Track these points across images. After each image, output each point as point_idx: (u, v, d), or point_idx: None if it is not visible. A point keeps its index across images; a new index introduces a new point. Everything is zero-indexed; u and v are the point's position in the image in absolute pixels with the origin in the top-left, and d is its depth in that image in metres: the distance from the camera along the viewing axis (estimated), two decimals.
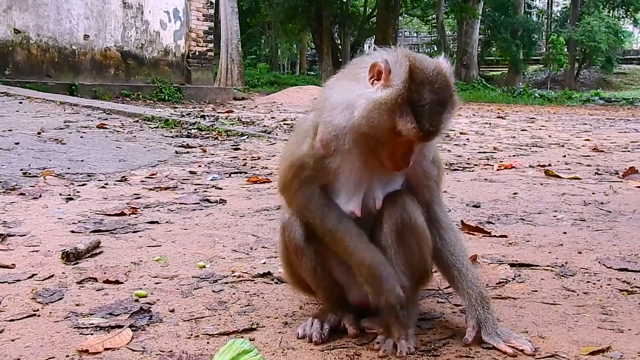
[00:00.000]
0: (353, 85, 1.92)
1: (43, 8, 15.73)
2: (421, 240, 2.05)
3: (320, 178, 2.01)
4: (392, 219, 2.01)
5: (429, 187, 2.12)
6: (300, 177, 2.02)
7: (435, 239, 2.11)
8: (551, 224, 3.81)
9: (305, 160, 2.00)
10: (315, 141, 1.98)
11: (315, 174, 2.00)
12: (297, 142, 2.07)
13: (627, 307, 2.35)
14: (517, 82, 38.97)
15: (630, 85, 44.43)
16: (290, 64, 56.83)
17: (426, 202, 2.12)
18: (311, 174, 2.01)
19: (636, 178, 5.58)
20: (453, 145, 8.64)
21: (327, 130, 1.95)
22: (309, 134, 2.02)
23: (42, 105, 10.94)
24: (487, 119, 15.14)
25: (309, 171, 2.01)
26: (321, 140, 1.96)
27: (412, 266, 2.06)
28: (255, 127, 10.37)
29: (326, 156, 1.97)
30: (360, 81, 1.90)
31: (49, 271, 2.70)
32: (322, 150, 1.97)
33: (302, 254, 2.09)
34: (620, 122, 15.66)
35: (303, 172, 2.01)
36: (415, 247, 2.05)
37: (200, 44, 19.88)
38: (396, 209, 2.02)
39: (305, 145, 2.02)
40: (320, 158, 1.98)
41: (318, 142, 1.97)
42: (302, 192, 2.03)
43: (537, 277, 2.73)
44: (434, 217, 2.13)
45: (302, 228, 2.07)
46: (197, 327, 2.11)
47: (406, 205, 2.03)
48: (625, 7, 47.89)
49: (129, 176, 5.38)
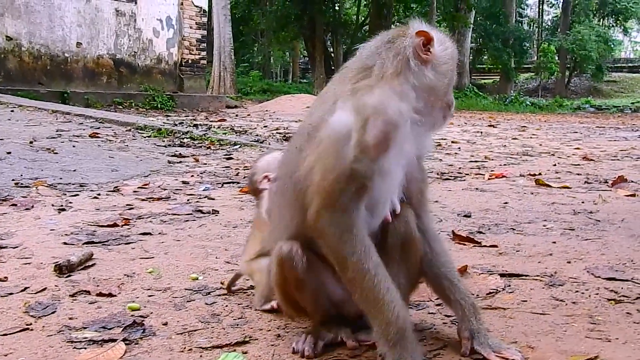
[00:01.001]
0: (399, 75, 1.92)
1: (35, 15, 15.76)
2: (418, 252, 2.07)
3: (369, 189, 1.87)
4: (398, 232, 2.02)
5: (421, 192, 2.12)
6: (350, 191, 1.85)
7: (425, 248, 2.11)
8: (541, 233, 3.84)
9: (356, 167, 1.83)
10: (367, 140, 1.83)
11: (366, 184, 1.85)
12: (337, 150, 1.85)
13: (615, 316, 2.37)
14: (508, 90, 39.21)
15: (620, 93, 44.72)
16: (283, 72, 56.94)
17: (416, 210, 2.11)
18: (362, 184, 1.85)
19: (625, 187, 5.63)
20: (445, 155, 8.69)
21: (384, 122, 1.84)
22: (351, 136, 1.85)
23: (33, 113, 10.94)
24: (478, 127, 15.21)
25: (359, 181, 1.84)
26: (376, 136, 1.83)
27: (411, 278, 2.09)
28: (248, 136, 10.38)
29: (378, 156, 1.84)
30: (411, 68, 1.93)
31: (41, 284, 2.70)
32: (376, 149, 1.83)
33: (304, 286, 2.02)
34: (611, 130, 15.77)
35: (353, 183, 1.84)
36: (414, 258, 2.06)
37: (193, 52, 19.93)
38: (400, 223, 2.03)
39: (351, 148, 1.84)
40: (371, 160, 1.84)
41: (372, 140, 1.83)
42: (347, 212, 1.86)
43: (527, 287, 2.76)
44: (423, 227, 2.12)
45: (304, 259, 1.97)
46: (191, 341, 2.12)
47: (409, 219, 2.04)
48: (615, 16, 48.34)
49: (121, 186, 5.38)
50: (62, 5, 16.30)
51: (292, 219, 2.03)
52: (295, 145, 2.06)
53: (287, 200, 2.06)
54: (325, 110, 1.95)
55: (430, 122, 2.00)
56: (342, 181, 1.83)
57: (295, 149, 2.04)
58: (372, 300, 1.86)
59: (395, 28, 2.06)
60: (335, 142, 1.86)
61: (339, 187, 1.84)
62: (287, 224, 2.05)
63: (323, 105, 1.99)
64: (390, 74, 1.90)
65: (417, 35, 1.93)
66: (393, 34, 2.00)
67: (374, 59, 1.95)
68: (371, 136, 1.83)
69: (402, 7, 37.67)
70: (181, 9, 19.31)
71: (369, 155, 1.83)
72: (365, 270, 1.85)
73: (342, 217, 1.86)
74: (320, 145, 1.89)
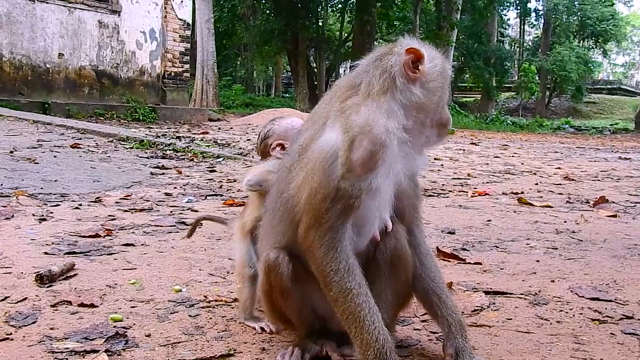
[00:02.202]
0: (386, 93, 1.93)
1: (17, 26, 15.63)
2: (408, 269, 2.07)
3: (355, 208, 1.87)
4: (387, 249, 2.02)
5: (414, 206, 2.12)
6: (335, 210, 1.86)
7: (415, 264, 2.11)
8: (524, 251, 3.86)
9: (342, 186, 1.84)
10: (353, 160, 1.84)
11: (351, 204, 1.86)
12: (323, 170, 1.87)
13: (599, 336, 2.38)
14: (489, 108, 39.57)
15: (599, 114, 45.35)
16: (265, 86, 57.07)
17: (408, 224, 2.12)
18: (347, 203, 1.85)
19: (606, 207, 5.68)
20: (428, 171, 8.71)
21: (371, 141, 1.84)
22: (338, 156, 1.86)
23: (14, 123, 10.83)
24: (460, 145, 15.30)
25: (345, 200, 1.85)
26: (362, 156, 1.84)
27: (399, 295, 2.08)
28: (231, 149, 10.36)
29: (365, 176, 1.85)
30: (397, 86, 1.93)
31: (22, 294, 2.65)
32: (362, 168, 1.84)
33: (289, 294, 2.03)
34: (591, 150, 15.94)
35: (338, 202, 1.85)
36: (403, 275, 2.06)
37: (176, 65, 19.86)
38: (391, 239, 2.03)
39: (338, 168, 1.85)
40: (357, 180, 1.84)
41: (358, 160, 1.83)
42: (333, 231, 1.86)
43: (512, 305, 2.76)
44: (415, 242, 2.13)
45: (290, 268, 1.99)
46: (174, 353, 2.10)
47: (400, 236, 2.04)
48: (595, 37, 49.10)
49: (103, 197, 5.33)
50: (45, 16, 16.18)
51: (284, 236, 2.04)
52: (286, 165, 2.07)
53: (278, 218, 2.06)
54: (315, 130, 1.97)
55: (422, 141, 2.00)
56: (329, 200, 1.85)
57: (286, 168, 2.05)
58: (354, 320, 1.86)
59: (385, 45, 2.06)
60: (322, 162, 1.87)
61: (326, 206, 1.85)
62: (279, 238, 2.06)
63: (314, 125, 2.00)
64: (376, 91, 1.92)
65: (407, 53, 1.93)
66: (382, 51, 2.01)
67: (362, 77, 1.97)
68: (357, 156, 1.84)
69: (385, 24, 37.93)
70: (165, 21, 19.26)
71: (355, 174, 1.85)
72: (348, 289, 1.85)
73: (328, 235, 1.87)
74: (309, 164, 1.91)
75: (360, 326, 1.85)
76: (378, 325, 1.85)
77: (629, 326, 2.49)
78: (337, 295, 1.87)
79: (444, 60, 2.03)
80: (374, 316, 1.86)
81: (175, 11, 19.56)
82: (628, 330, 2.44)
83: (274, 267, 2.00)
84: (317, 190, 1.87)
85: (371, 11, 33.38)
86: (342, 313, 1.88)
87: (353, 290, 1.85)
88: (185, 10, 20.17)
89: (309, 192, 1.89)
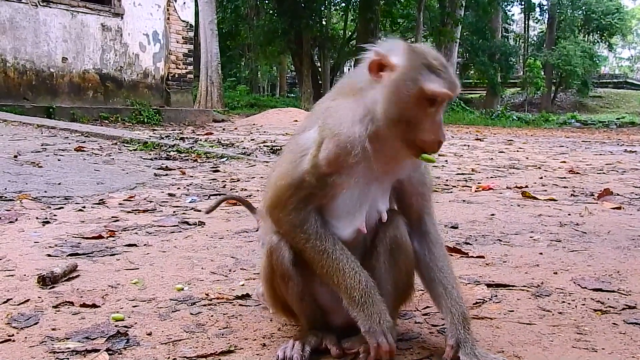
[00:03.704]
0: (357, 95, 1.95)
1: (20, 31, 15.70)
2: (409, 259, 2.09)
3: (319, 197, 1.98)
4: (386, 238, 2.04)
5: (423, 195, 2.13)
6: (299, 196, 1.98)
7: (424, 252, 2.12)
8: (528, 244, 3.85)
9: (306, 179, 1.96)
10: (319, 158, 1.95)
11: (316, 193, 1.97)
12: (294, 160, 2.01)
13: (601, 326, 2.37)
14: (495, 104, 39.49)
15: (605, 108, 45.20)
16: (270, 86, 57.15)
17: (418, 212, 2.13)
18: (311, 192, 1.97)
19: (611, 200, 5.66)
20: (432, 167, 8.68)
21: (336, 145, 1.93)
22: (309, 152, 1.98)
23: (18, 128, 10.88)
24: (465, 141, 15.28)
25: (309, 190, 1.97)
26: (328, 157, 1.94)
27: (400, 285, 2.09)
28: (235, 149, 10.37)
29: (330, 174, 1.95)
30: (364, 88, 1.92)
31: (24, 296, 2.66)
32: (327, 167, 1.94)
33: (290, 278, 2.05)
34: (596, 144, 15.89)
35: (302, 191, 1.97)
36: (403, 266, 2.07)
37: (180, 67, 19.91)
38: (390, 228, 2.05)
39: (305, 163, 1.97)
40: (322, 176, 1.95)
41: (323, 160, 1.94)
42: (297, 212, 1.98)
43: (514, 297, 2.76)
44: (424, 229, 2.15)
45: (291, 251, 2.03)
46: (175, 350, 2.10)
47: (399, 225, 2.06)
48: (600, 32, 48.94)
49: (107, 199, 5.34)
50: (48, 21, 16.25)
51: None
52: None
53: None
54: (304, 126, 2.09)
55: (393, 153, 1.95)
56: (293, 187, 1.98)
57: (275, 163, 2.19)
58: (334, 271, 1.95)
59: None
60: (295, 153, 2.02)
61: (290, 192, 1.98)
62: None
63: (306, 122, 2.12)
64: (347, 92, 1.99)
65: (375, 55, 1.89)
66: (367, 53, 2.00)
67: (345, 79, 2.07)
68: (323, 156, 1.95)
69: (389, 22, 37.94)
70: (167, 23, 19.31)
71: (320, 172, 1.96)
72: (323, 250, 1.95)
73: (293, 214, 1.99)
74: (285, 154, 2.11)
75: (341, 274, 1.94)
76: (358, 270, 1.95)
77: (631, 316, 2.48)
78: (314, 256, 1.96)
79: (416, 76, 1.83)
80: (353, 263, 1.95)
81: (178, 13, 19.61)
82: (630, 320, 2.43)
83: (276, 249, 2.05)
84: (284, 176, 2.01)
85: (375, 9, 33.39)
86: (322, 270, 1.96)
87: (328, 249, 1.95)
88: (188, 11, 20.22)
89: (277, 176, 2.05)
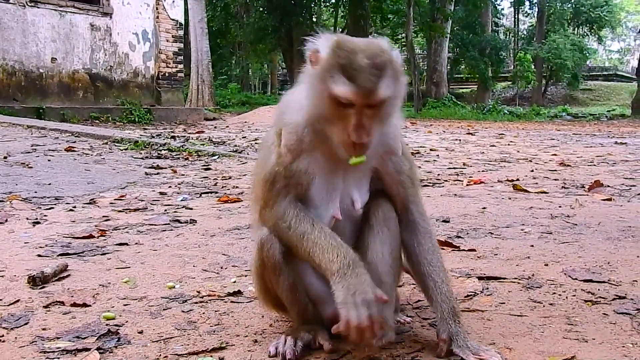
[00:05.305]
0: (302, 86, 2.01)
1: (8, 32, 15.61)
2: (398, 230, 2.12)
3: (293, 187, 2.00)
4: (377, 211, 2.07)
5: (402, 182, 2.11)
6: (275, 190, 2.01)
7: (413, 243, 2.13)
8: (519, 237, 3.86)
9: (276, 171, 2.00)
10: (281, 148, 2.00)
11: (288, 183, 2.00)
12: (265, 157, 2.08)
13: (592, 317, 2.38)
14: (486, 99, 39.50)
15: (596, 101, 45.35)
16: (261, 84, 57.00)
17: (402, 201, 2.13)
18: (284, 183, 2.00)
19: (601, 191, 5.68)
20: (423, 162, 8.71)
21: (289, 132, 2.00)
22: (274, 144, 2.04)
23: (8, 129, 10.83)
24: (457, 135, 15.30)
25: (282, 182, 2.00)
26: (286, 145, 1.99)
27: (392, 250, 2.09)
28: (226, 147, 10.35)
29: (292, 161, 1.99)
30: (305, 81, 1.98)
31: (14, 296, 2.65)
32: (289, 155, 1.99)
33: (280, 271, 2.04)
34: (587, 137, 15.93)
35: (276, 184, 2.00)
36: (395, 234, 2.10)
37: (170, 65, 19.84)
38: (380, 208, 2.08)
39: (273, 156, 2.02)
40: (289, 165, 1.99)
41: (283, 148, 2.00)
42: (278, 205, 2.00)
43: (505, 289, 2.76)
44: (411, 219, 2.15)
45: (281, 244, 2.02)
46: (166, 348, 2.09)
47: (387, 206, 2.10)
48: (589, 24, 49.07)
49: (97, 198, 5.32)
50: (36, 21, 16.15)
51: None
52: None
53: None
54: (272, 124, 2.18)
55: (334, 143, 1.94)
56: (269, 182, 2.02)
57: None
58: (315, 248, 1.94)
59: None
60: (265, 149, 2.12)
61: (266, 187, 2.03)
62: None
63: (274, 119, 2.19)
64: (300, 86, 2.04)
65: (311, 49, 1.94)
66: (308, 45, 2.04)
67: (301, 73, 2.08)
68: (283, 144, 2.01)
69: (380, 18, 37.90)
70: (157, 22, 19.23)
71: (285, 160, 2.00)
72: (302, 232, 1.96)
73: (272, 210, 2.02)
74: (259, 153, 2.21)
75: (321, 252, 1.92)
76: (338, 244, 1.93)
77: (621, 306, 2.49)
78: (297, 242, 1.97)
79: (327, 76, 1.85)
80: (333, 240, 1.94)
81: (167, 11, 19.53)
82: (621, 310, 2.45)
83: (266, 242, 2.04)
84: (259, 173, 2.09)
85: (365, 5, 33.39)
86: (306, 254, 1.96)
87: (307, 230, 1.96)
88: (177, 10, 20.13)
89: (255, 173, 2.17)
